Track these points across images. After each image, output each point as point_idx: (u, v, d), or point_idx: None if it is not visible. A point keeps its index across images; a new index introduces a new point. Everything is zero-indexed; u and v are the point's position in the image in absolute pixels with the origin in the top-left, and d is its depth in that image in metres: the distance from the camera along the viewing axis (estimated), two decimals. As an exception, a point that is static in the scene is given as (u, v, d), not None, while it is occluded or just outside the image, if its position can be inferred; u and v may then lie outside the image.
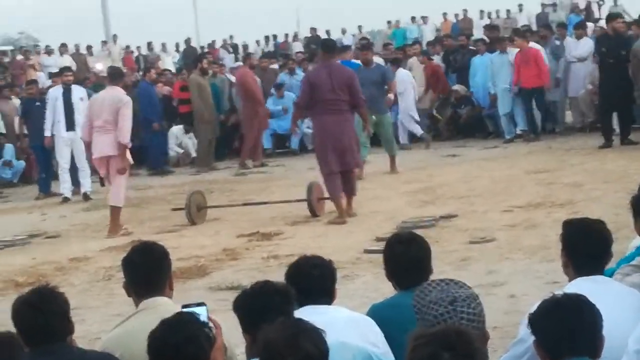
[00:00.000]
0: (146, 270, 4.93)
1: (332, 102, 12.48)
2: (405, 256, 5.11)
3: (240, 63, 24.01)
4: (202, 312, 4.06)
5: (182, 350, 3.73)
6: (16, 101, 20.62)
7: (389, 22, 37.74)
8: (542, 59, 18.79)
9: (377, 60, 21.37)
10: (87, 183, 17.00)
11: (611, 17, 17.95)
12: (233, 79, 22.16)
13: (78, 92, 17.43)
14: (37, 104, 18.02)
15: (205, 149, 20.27)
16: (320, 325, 3.61)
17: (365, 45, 18.18)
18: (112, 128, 13.18)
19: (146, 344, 3.84)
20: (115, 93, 13.58)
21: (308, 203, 13.04)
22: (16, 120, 20.49)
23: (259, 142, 20.40)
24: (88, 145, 13.67)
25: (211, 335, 3.84)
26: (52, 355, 4.33)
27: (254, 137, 20.03)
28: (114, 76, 14.26)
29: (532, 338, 3.96)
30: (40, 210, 16.32)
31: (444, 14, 37.68)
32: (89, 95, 16.59)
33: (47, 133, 17.21)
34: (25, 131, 19.18)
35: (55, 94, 17.31)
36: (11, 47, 41.03)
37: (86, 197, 16.83)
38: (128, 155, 13.45)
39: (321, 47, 13.81)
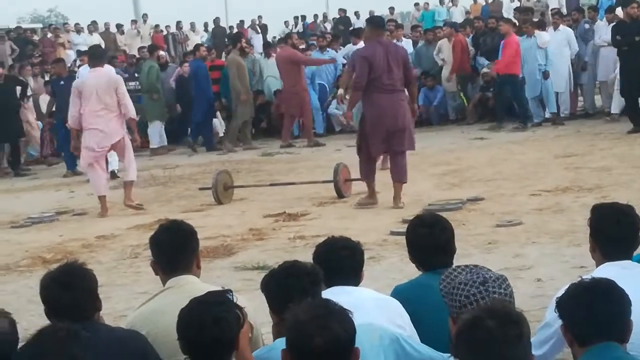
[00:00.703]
0: (173, 249, 4.93)
1: (389, 80, 11.91)
2: (429, 238, 5.11)
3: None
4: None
5: (207, 329, 3.75)
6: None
7: (416, 5, 37.55)
8: (515, 48, 18.99)
9: (406, 42, 21.36)
10: (114, 161, 17.00)
11: (627, 3, 17.82)
12: (261, 59, 22.24)
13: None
14: (62, 82, 18.01)
15: (241, 129, 20.30)
16: (347, 306, 3.62)
17: (357, 31, 16.99)
18: (115, 110, 13.16)
19: (173, 321, 3.86)
20: (105, 74, 13.57)
21: (335, 184, 13.03)
22: (41, 98, 20.65)
23: (291, 123, 20.34)
24: (76, 134, 13.40)
25: (241, 317, 3.85)
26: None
27: (309, 116, 20.02)
28: (96, 56, 14.14)
29: (559, 322, 3.94)
30: (68, 188, 16.41)
31: (474, -4, 37.43)
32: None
33: None
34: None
35: (84, 72, 17.30)
36: (41, 25, 41.16)
37: (113, 175, 16.86)
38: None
39: (370, 24, 12.88)
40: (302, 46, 23.22)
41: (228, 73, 20.11)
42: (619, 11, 19.16)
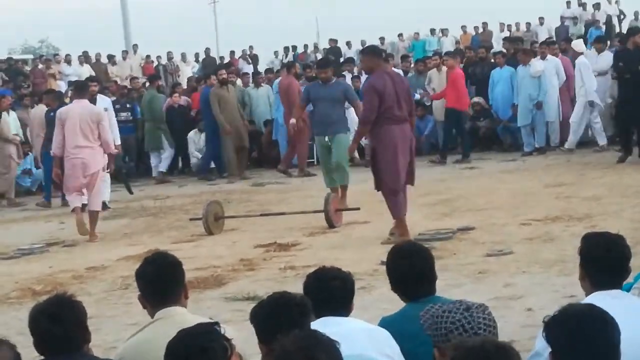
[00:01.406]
0: (160, 281, 4.92)
1: (399, 111, 11.57)
2: (409, 268, 5.11)
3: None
4: None
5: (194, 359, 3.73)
6: (37, 109, 20.59)
7: (399, 35, 37.73)
8: (461, 82, 19.49)
9: (397, 71, 21.40)
10: (106, 192, 17.00)
11: (632, 32, 17.91)
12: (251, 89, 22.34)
13: (103, 102, 17.36)
14: (52, 114, 17.90)
15: (233, 159, 20.28)
16: (336, 336, 3.60)
17: (323, 64, 15.64)
18: (94, 143, 13.59)
19: (162, 353, 3.84)
20: (89, 107, 13.96)
21: (325, 214, 13.03)
22: (28, 129, 20.66)
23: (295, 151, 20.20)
24: (58, 161, 13.92)
25: (228, 348, 3.83)
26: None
27: (305, 146, 19.97)
28: (80, 89, 14.44)
29: (548, 350, 3.92)
30: (59, 219, 16.37)
31: (464, 27, 37.63)
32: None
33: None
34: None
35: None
36: (32, 56, 41.22)
37: (104, 206, 16.84)
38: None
39: (371, 53, 12.25)
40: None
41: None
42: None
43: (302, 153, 19.93)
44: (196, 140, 21.57)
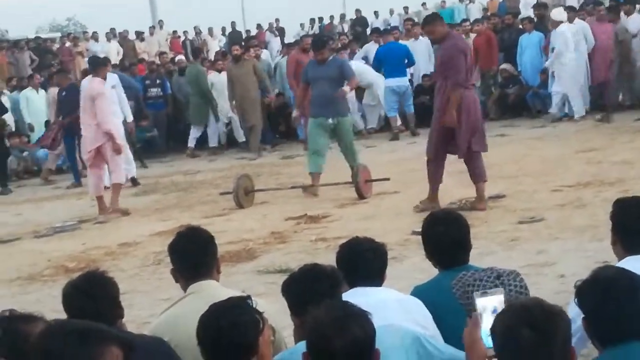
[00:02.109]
0: (192, 255, 4.94)
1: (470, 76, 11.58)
2: (445, 236, 5.09)
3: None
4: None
5: (226, 335, 3.75)
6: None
7: (423, 4, 37.61)
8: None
9: (424, 40, 21.30)
10: (132, 169, 17.03)
11: None
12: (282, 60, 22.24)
13: (110, 79, 17.24)
14: (63, 93, 17.84)
15: (249, 136, 20.28)
16: (368, 307, 3.61)
17: (318, 44, 14.44)
18: (92, 121, 13.85)
19: (195, 327, 3.86)
20: (91, 85, 14.13)
21: (355, 185, 13.02)
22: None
23: None
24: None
25: (260, 321, 3.84)
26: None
27: None
28: (94, 65, 14.65)
29: (582, 317, 3.90)
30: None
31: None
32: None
33: None
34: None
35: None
36: (59, 34, 41.29)
37: (134, 182, 16.92)
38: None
39: (439, 20, 11.93)
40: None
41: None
42: None
43: None
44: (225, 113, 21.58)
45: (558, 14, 19.16)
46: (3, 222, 14.62)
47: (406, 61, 20.18)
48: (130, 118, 17.16)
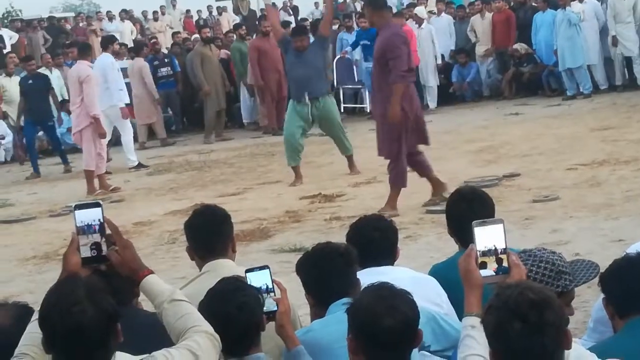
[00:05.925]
0: (208, 234, 4.94)
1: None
2: (468, 212, 5.05)
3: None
4: (265, 276, 4.10)
5: (235, 319, 3.84)
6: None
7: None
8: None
9: (446, 17, 21.43)
10: (134, 159, 17.07)
11: None
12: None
13: (103, 59, 17.07)
14: (30, 81, 17.68)
15: (212, 120, 20.18)
16: (382, 285, 3.61)
17: (298, 31, 14.19)
18: (79, 103, 14.19)
19: (209, 305, 3.90)
20: (78, 68, 14.41)
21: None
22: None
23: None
24: None
25: (261, 298, 3.93)
26: (120, 318, 4.36)
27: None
28: (81, 50, 15.07)
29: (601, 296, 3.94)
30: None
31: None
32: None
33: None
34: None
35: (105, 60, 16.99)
36: (73, 14, 41.27)
37: (140, 166, 16.87)
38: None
39: (378, 6, 10.87)
40: (335, 27, 23.12)
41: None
42: None
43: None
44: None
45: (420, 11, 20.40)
46: (18, 202, 14.67)
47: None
48: (126, 100, 16.92)
